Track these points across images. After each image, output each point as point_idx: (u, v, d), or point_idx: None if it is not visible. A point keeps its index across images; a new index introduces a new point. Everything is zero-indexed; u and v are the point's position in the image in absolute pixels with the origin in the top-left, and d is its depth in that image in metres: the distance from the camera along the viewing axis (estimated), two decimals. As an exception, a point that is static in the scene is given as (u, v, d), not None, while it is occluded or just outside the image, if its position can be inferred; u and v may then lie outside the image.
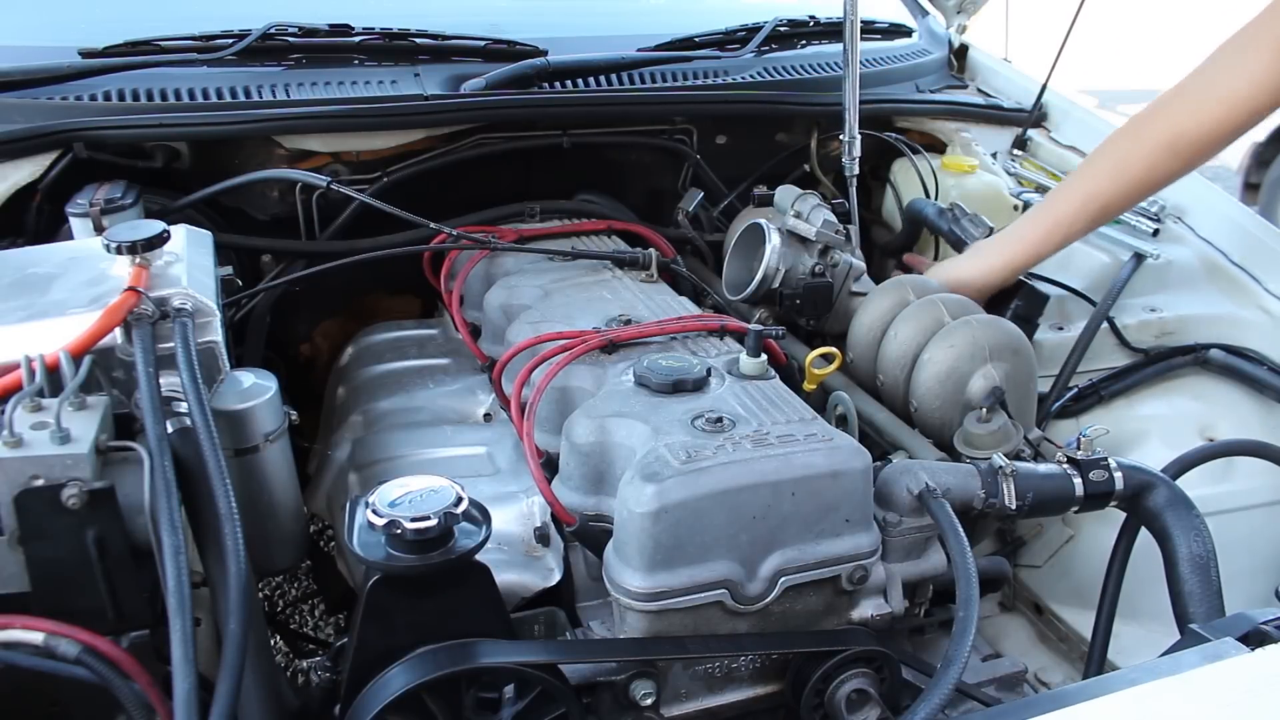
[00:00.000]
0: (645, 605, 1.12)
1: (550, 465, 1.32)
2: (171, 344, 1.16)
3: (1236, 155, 5.46)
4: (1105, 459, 1.30)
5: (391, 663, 1.05)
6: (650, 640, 1.14)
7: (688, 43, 2.18)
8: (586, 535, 1.23)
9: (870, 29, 2.45)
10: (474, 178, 1.98)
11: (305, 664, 1.17)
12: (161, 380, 1.12)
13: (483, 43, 2.04)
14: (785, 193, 1.82)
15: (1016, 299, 1.73)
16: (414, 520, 1.01)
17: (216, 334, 1.26)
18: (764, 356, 1.35)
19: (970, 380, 1.49)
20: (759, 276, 1.69)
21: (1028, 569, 1.74)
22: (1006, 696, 1.39)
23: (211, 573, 1.04)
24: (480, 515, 1.10)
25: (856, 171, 2.01)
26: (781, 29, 2.27)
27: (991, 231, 1.87)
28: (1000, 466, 1.27)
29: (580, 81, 2.03)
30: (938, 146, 2.29)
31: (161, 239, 1.25)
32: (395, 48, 1.99)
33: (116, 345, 1.18)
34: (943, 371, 1.50)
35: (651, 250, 1.74)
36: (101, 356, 1.15)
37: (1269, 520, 1.65)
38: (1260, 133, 5.22)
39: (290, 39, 1.93)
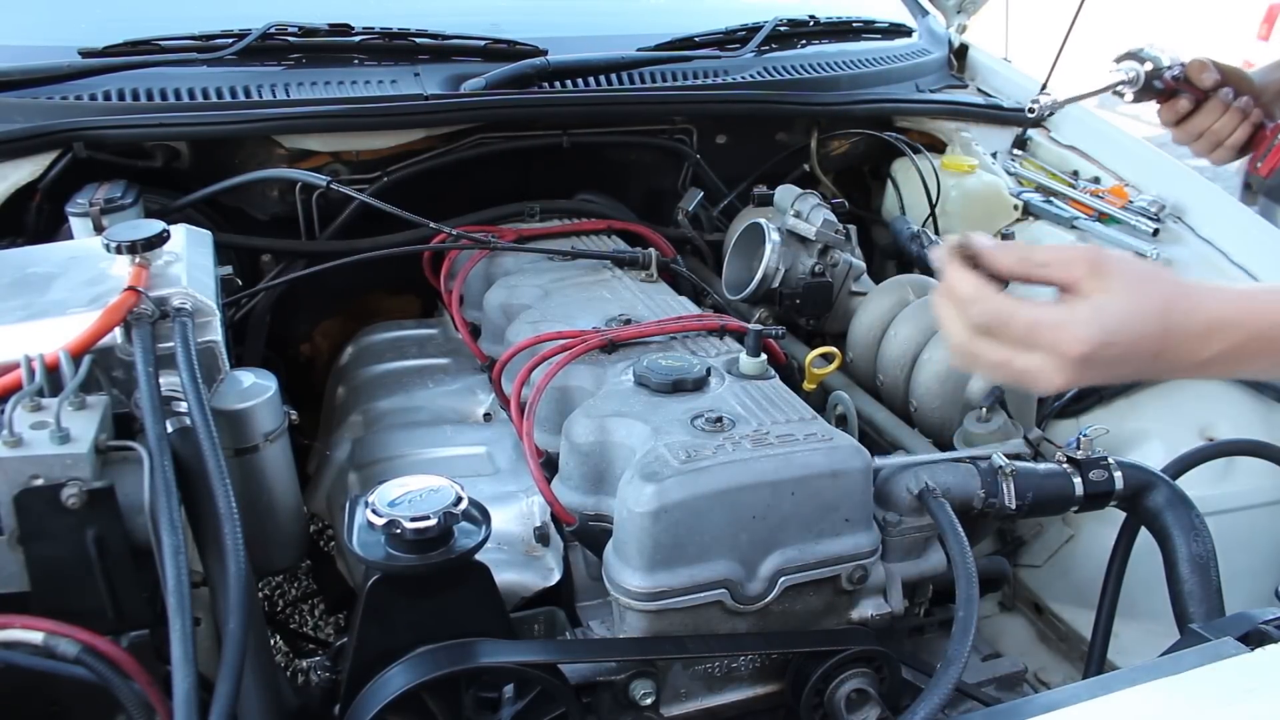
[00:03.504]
0: (645, 605, 1.12)
1: (550, 465, 1.32)
2: (171, 343, 1.16)
3: (1237, 156, 5.44)
4: (1105, 458, 1.30)
5: (391, 662, 1.05)
6: (650, 640, 1.14)
7: (688, 42, 2.18)
8: (586, 535, 1.23)
9: (870, 29, 2.45)
10: (474, 178, 1.98)
11: (305, 664, 1.17)
12: (161, 380, 1.12)
13: (483, 42, 2.03)
14: (785, 192, 1.82)
15: None
16: (414, 520, 1.01)
17: (216, 333, 1.26)
18: (764, 356, 1.35)
19: (970, 380, 1.49)
20: (759, 276, 1.69)
21: (1028, 569, 1.73)
22: (1006, 696, 1.39)
23: (211, 572, 1.04)
24: (480, 515, 1.10)
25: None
26: (781, 29, 2.27)
27: None
28: (1000, 466, 1.27)
29: (580, 81, 2.03)
30: (938, 146, 2.28)
31: (161, 238, 1.25)
32: (395, 47, 1.99)
33: (116, 345, 1.17)
34: (943, 371, 1.50)
35: (651, 250, 1.74)
36: (101, 356, 1.15)
37: (1269, 520, 1.64)
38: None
39: (290, 39, 1.92)
